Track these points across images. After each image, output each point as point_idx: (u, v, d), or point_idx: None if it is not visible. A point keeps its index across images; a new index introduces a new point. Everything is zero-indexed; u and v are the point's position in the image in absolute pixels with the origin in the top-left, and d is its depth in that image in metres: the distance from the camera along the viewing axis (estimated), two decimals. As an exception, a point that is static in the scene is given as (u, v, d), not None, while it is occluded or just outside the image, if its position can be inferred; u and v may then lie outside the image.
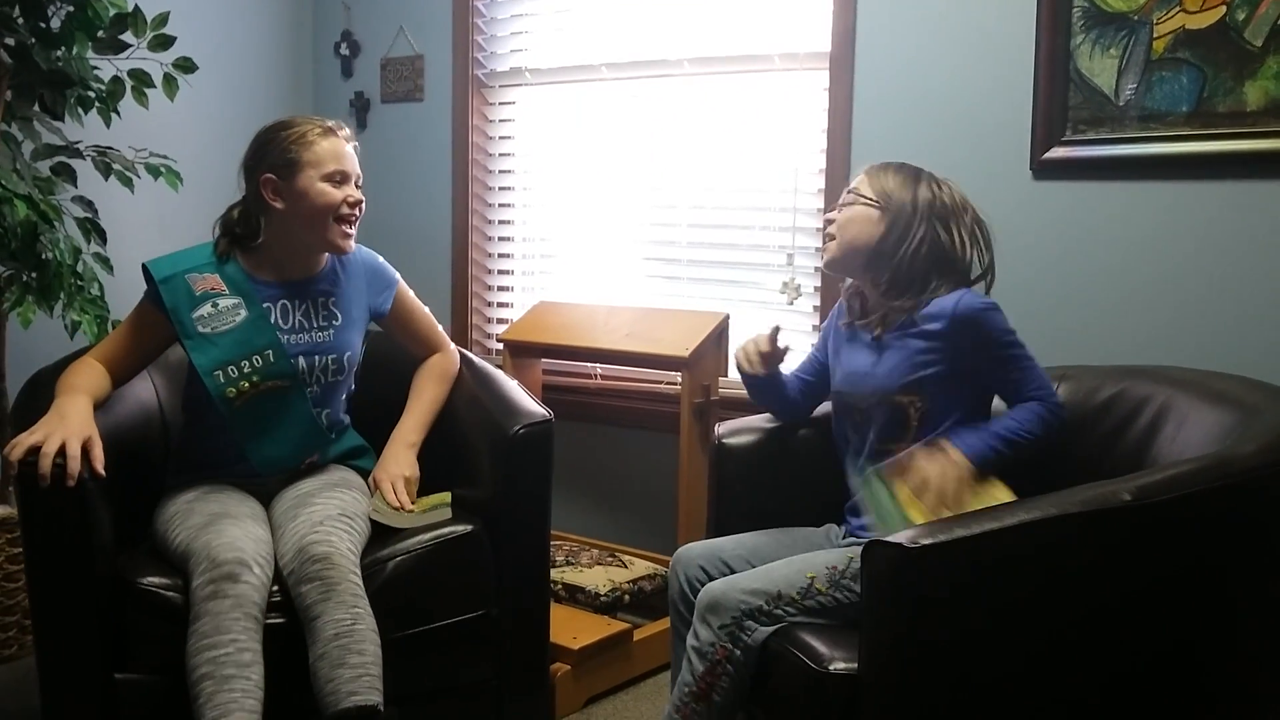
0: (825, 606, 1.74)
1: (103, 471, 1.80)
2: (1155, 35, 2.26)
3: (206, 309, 2.04)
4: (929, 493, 1.74)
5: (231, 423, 2.04)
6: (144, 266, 2.05)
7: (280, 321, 2.09)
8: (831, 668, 1.59)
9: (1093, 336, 2.37)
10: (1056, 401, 1.87)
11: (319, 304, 2.13)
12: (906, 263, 1.91)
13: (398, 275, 2.28)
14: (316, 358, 2.10)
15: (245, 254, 2.10)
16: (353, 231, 2.09)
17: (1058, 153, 2.39)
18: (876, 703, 1.49)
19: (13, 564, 2.53)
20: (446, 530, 2.04)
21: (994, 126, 2.45)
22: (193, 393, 2.09)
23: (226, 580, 1.76)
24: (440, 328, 2.35)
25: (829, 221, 2.01)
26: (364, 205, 2.10)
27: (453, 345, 2.35)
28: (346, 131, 2.12)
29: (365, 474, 2.18)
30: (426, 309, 2.33)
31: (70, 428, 1.81)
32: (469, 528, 2.06)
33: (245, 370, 2.03)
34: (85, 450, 1.79)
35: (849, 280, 2.06)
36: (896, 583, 1.45)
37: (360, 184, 2.11)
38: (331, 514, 1.94)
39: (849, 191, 2.01)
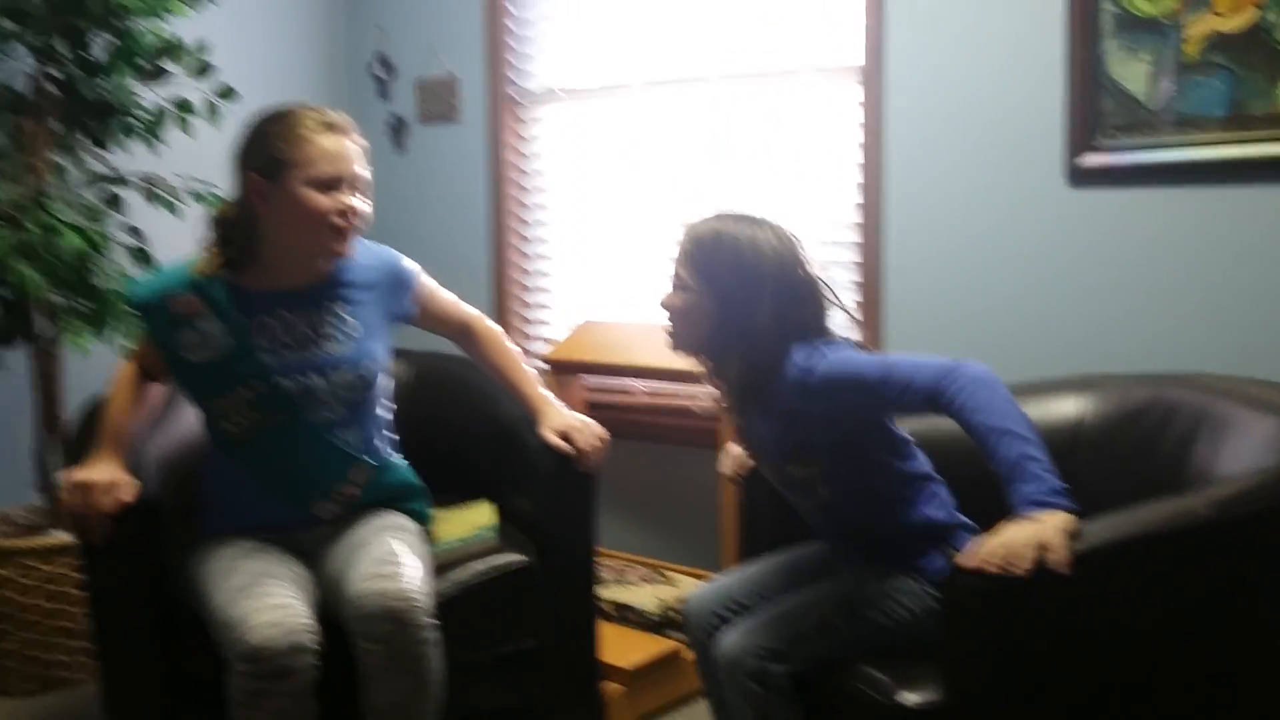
0: (845, 639, 1.71)
1: (128, 498, 1.76)
2: (1186, 39, 2.26)
3: (189, 334, 1.85)
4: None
5: (240, 458, 1.89)
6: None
7: (282, 337, 1.88)
8: (898, 699, 1.57)
9: (1126, 344, 2.37)
10: (955, 368, 1.59)
11: (330, 312, 1.92)
12: (752, 345, 1.71)
13: (416, 269, 2.09)
14: (332, 373, 1.89)
15: (240, 262, 1.88)
16: (349, 237, 1.86)
17: (1091, 160, 2.39)
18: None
19: (78, 589, 2.58)
20: (501, 562, 2.02)
21: (1026, 135, 2.46)
22: (205, 423, 1.94)
23: (276, 678, 1.62)
24: (465, 304, 2.21)
25: (663, 302, 1.80)
26: (361, 214, 1.86)
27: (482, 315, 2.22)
28: (350, 125, 1.87)
29: (419, 519, 2.02)
30: (446, 291, 2.18)
31: (98, 474, 1.77)
32: (523, 559, 2.04)
33: (237, 404, 1.85)
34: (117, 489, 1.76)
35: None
36: (981, 610, 1.42)
37: (362, 188, 1.87)
38: (394, 550, 1.79)
39: (674, 271, 1.79)
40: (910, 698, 1.57)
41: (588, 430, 2.07)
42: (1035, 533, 1.42)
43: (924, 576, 1.74)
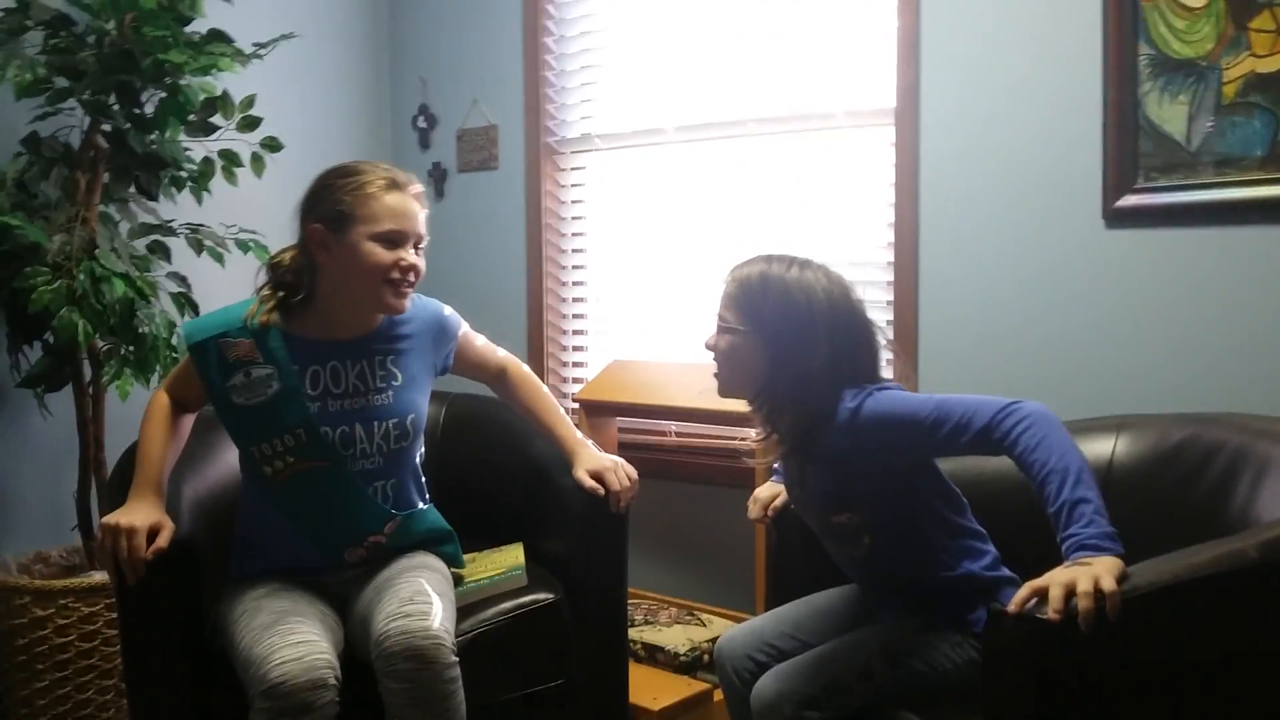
0: (884, 687, 1.67)
1: (164, 544, 1.78)
2: (1225, 80, 2.24)
3: (239, 378, 1.89)
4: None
5: (276, 500, 1.91)
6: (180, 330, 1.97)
7: (331, 386, 1.92)
8: None
9: (1165, 385, 2.33)
10: (1013, 406, 1.56)
11: (377, 364, 1.96)
12: (807, 390, 1.68)
13: (459, 321, 2.15)
14: (376, 424, 1.93)
15: (293, 309, 1.94)
16: (407, 293, 1.92)
17: (1130, 200, 2.37)
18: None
19: (111, 628, 2.61)
20: (528, 600, 2.02)
21: (1063, 177, 2.45)
22: (244, 463, 1.97)
23: (297, 714, 1.62)
24: (496, 347, 2.27)
25: (710, 345, 1.80)
26: (420, 270, 1.92)
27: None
28: (417, 187, 1.94)
29: (449, 561, 2.03)
30: (480, 337, 2.24)
31: (136, 518, 1.79)
32: (550, 597, 2.04)
33: (279, 449, 1.88)
34: (153, 533, 1.79)
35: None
36: (1021, 654, 1.39)
37: (422, 246, 1.93)
38: (422, 589, 1.79)
39: (719, 315, 1.79)
40: None
41: (620, 470, 2.09)
42: (1083, 577, 1.38)
43: (967, 630, 1.71)
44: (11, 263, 2.56)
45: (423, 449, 2.08)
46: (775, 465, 2.08)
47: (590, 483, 2.06)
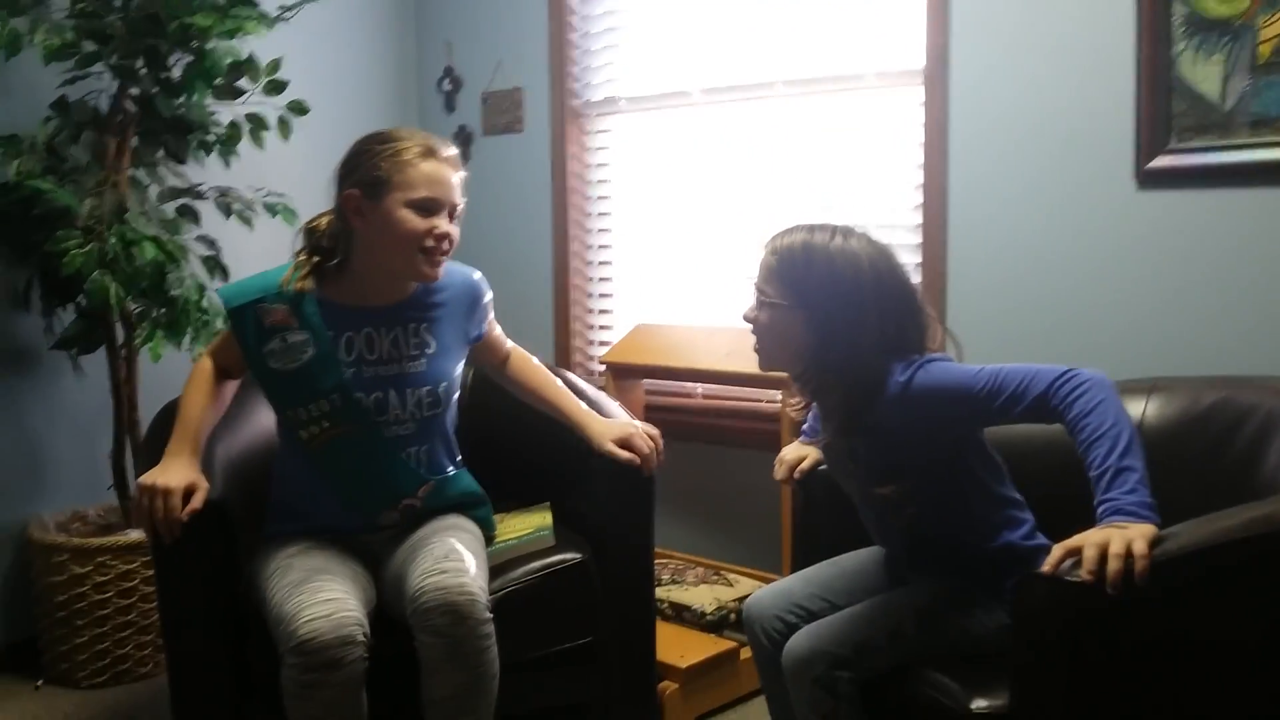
0: (915, 649, 1.68)
1: (199, 504, 1.81)
2: (1260, 40, 2.20)
3: (276, 343, 1.90)
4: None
5: (312, 463, 1.93)
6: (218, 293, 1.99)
7: (365, 353, 1.93)
8: (974, 706, 1.55)
9: (1198, 348, 2.31)
10: (1070, 372, 1.55)
11: (411, 331, 1.97)
12: (856, 362, 1.65)
13: (489, 294, 2.14)
14: (409, 391, 1.94)
15: (329, 275, 1.94)
16: (440, 261, 1.92)
17: (1162, 162, 2.34)
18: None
19: (148, 585, 2.67)
20: (556, 560, 2.04)
21: (1095, 138, 2.42)
22: (281, 426, 2.00)
23: (326, 670, 1.65)
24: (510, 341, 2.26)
25: (749, 317, 1.76)
26: (454, 239, 1.92)
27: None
28: (453, 154, 1.93)
29: (480, 524, 2.04)
30: (500, 329, 2.22)
31: (172, 478, 1.81)
32: (578, 556, 2.06)
33: (314, 413, 1.90)
34: (188, 493, 1.81)
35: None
36: (1054, 616, 1.39)
37: (457, 214, 1.93)
38: (455, 548, 1.81)
39: (758, 289, 1.74)
40: (982, 704, 1.55)
41: (643, 432, 2.09)
42: (1116, 539, 1.37)
43: (1002, 596, 1.70)
44: (44, 227, 2.59)
45: (456, 414, 2.09)
46: (804, 425, 2.08)
47: (624, 454, 2.05)
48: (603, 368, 3.01)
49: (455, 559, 1.79)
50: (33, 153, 2.60)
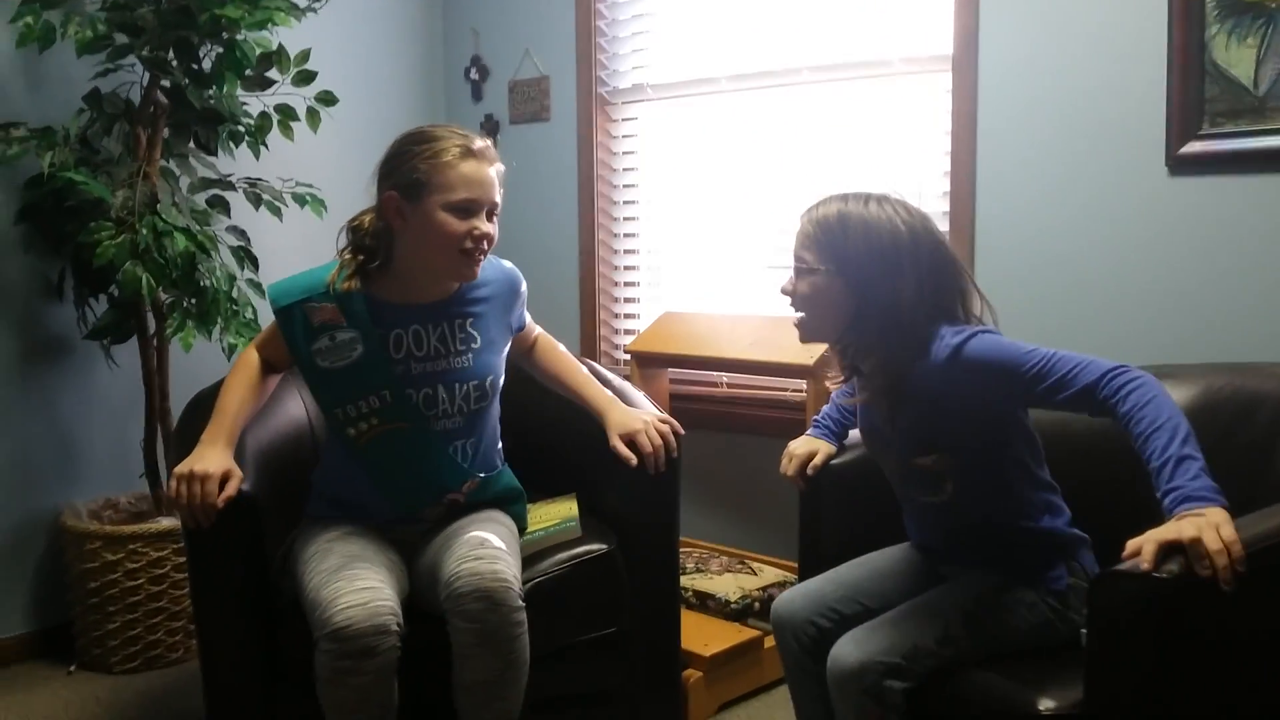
0: (966, 651, 1.66)
1: (234, 491, 1.82)
2: (1295, 23, 2.17)
3: (324, 342, 1.91)
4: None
5: (359, 459, 1.94)
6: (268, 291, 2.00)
7: (414, 349, 1.94)
8: (1043, 707, 1.52)
9: (1229, 335, 2.29)
10: (1123, 367, 1.55)
11: (457, 327, 1.98)
12: (896, 325, 1.66)
13: (525, 283, 2.15)
14: (458, 386, 1.95)
15: (373, 273, 1.95)
16: (480, 260, 1.92)
17: (1194, 147, 2.31)
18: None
19: (179, 572, 2.70)
20: (583, 550, 2.05)
21: (1126, 123, 2.39)
22: (329, 424, 2.01)
23: (359, 657, 1.67)
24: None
25: (787, 290, 1.77)
26: (493, 238, 1.92)
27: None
28: (491, 150, 1.93)
29: (516, 519, 2.05)
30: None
31: (209, 465, 1.83)
32: (605, 547, 2.07)
33: (363, 410, 1.91)
34: (224, 481, 1.82)
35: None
36: (1145, 614, 1.37)
37: (496, 213, 1.93)
38: (490, 539, 1.83)
39: (797, 257, 1.75)
40: (1050, 704, 1.52)
41: (651, 430, 2.05)
42: (1207, 530, 1.35)
43: (1043, 588, 1.69)
44: (76, 218, 2.63)
45: (499, 410, 2.09)
46: (816, 417, 2.07)
47: (624, 451, 2.04)
48: (627, 356, 3.01)
49: (490, 547, 1.80)
50: (66, 145, 2.63)
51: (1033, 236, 2.54)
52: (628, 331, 3.40)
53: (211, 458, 1.86)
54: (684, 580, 2.63)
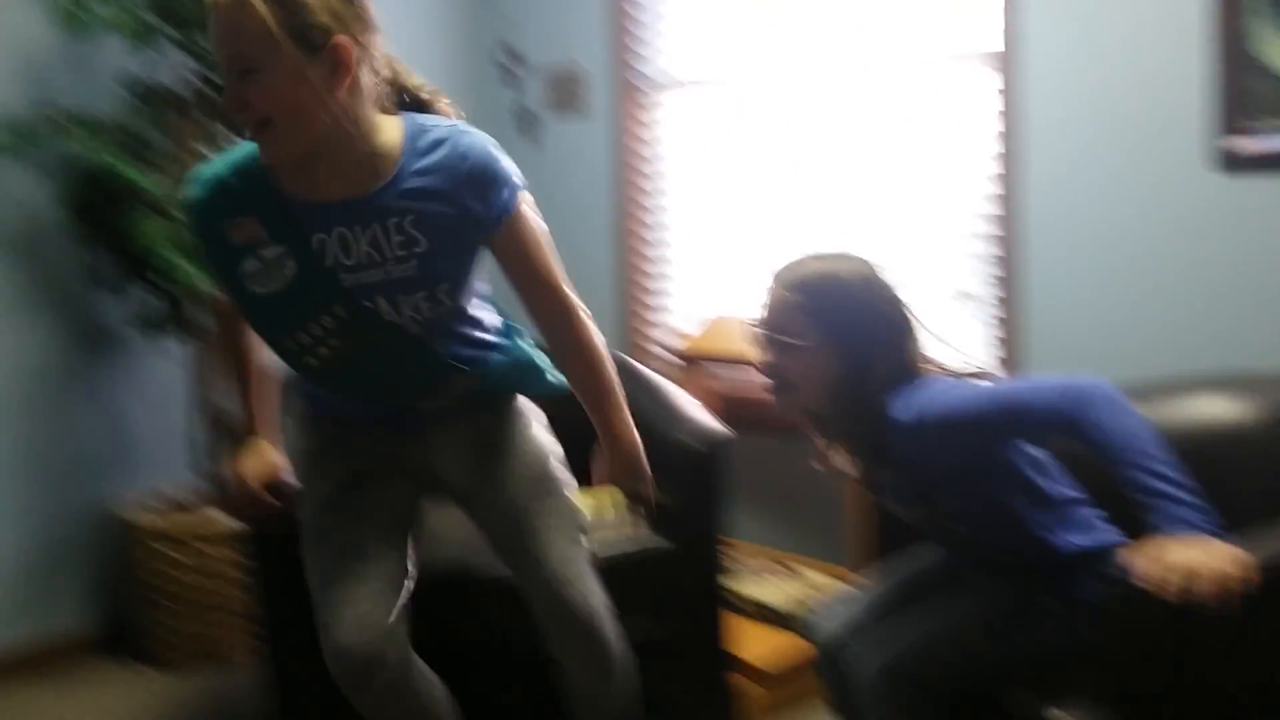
0: (993, 664, 1.66)
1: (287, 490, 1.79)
2: (1343, 19, 2.16)
3: (251, 264, 1.58)
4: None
5: (327, 385, 1.71)
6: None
7: (342, 258, 1.56)
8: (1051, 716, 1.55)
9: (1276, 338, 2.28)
10: (1069, 389, 1.51)
11: (392, 228, 1.56)
12: (860, 395, 1.60)
13: (516, 182, 1.64)
14: (401, 298, 1.59)
15: (287, 170, 1.57)
16: (263, 140, 1.49)
17: (1240, 145, 2.29)
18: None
19: (236, 571, 2.68)
20: (634, 550, 2.04)
21: (1169, 120, 2.38)
22: (282, 359, 1.71)
23: (363, 678, 1.64)
24: (565, 284, 1.73)
25: (767, 366, 1.68)
26: (250, 105, 1.46)
27: (582, 309, 1.74)
28: None
29: (537, 400, 1.83)
30: (546, 253, 1.70)
31: (254, 468, 1.78)
32: (652, 544, 2.06)
33: (317, 334, 1.60)
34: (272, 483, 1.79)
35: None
36: (1167, 633, 1.38)
37: (251, 71, 1.44)
38: (570, 554, 1.74)
39: (776, 329, 1.65)
40: (1064, 716, 1.54)
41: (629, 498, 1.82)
42: (1211, 557, 1.35)
43: (1073, 604, 1.67)
44: (119, 205, 2.61)
45: (485, 288, 1.76)
46: None
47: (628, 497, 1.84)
48: (666, 354, 2.98)
49: (577, 572, 1.75)
50: (108, 133, 2.62)
51: (1086, 240, 2.51)
52: (664, 327, 3.37)
53: (257, 456, 1.80)
54: (734, 586, 2.59)
